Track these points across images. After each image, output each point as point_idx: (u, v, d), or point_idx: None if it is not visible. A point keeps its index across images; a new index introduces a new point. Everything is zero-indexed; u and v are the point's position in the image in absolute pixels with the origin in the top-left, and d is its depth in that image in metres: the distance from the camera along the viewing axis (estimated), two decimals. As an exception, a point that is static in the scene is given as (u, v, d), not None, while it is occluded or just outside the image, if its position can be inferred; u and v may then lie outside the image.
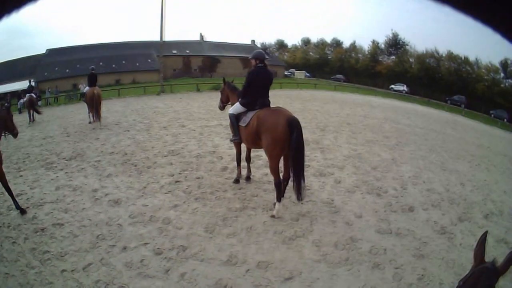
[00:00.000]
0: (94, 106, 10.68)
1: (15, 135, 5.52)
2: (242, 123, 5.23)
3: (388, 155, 8.48)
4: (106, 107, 15.52)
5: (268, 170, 6.09)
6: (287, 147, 4.56)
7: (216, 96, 8.09)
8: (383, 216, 5.07)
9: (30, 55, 18.82)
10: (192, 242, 4.42)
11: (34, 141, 9.49)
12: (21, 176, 6.34)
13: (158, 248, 4.32)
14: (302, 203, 5.23)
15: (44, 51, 19.51)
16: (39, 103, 15.05)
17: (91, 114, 11.09)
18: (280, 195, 4.82)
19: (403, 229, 4.69)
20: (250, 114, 5.08)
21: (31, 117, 12.13)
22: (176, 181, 6.43)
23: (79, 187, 6.27)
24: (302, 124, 4.69)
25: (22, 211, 5.22)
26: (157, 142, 9.17)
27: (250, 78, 5.09)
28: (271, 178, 6.15)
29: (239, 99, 5.39)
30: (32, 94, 12.19)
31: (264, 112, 4.84)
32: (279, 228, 4.63)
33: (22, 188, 5.88)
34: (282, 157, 4.83)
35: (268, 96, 5.16)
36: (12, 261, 4.09)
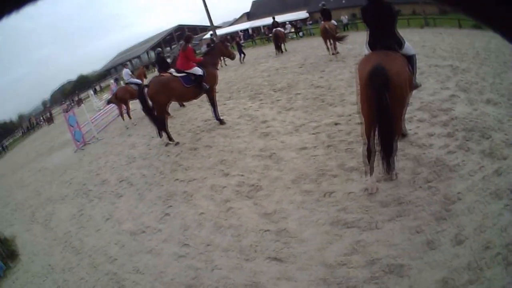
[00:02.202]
0: (328, 40, 13.59)
1: (232, 58, 9.58)
2: None
3: None
4: (363, 38, 17.32)
5: (434, 130, 5.94)
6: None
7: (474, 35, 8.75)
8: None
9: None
10: (269, 187, 5.44)
11: (260, 72, 13.09)
12: (225, 104, 9.51)
13: (242, 182, 5.76)
14: (422, 185, 4.70)
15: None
16: (301, 34, 19.28)
17: (326, 47, 13.93)
18: (367, 167, 4.78)
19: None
20: None
21: (280, 50, 16.38)
22: (336, 123, 7.16)
23: (255, 117, 8.63)
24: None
25: (221, 122, 8.70)
26: (372, 79, 9.81)
27: (361, 15, 5.14)
28: (430, 141, 5.85)
29: None
30: (279, 29, 16.23)
31: (364, 57, 4.95)
32: (352, 207, 4.55)
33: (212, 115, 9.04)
34: None
35: (388, 37, 4.88)
36: (153, 167, 7.26)
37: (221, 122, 8.69)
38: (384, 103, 4.22)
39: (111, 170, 8.09)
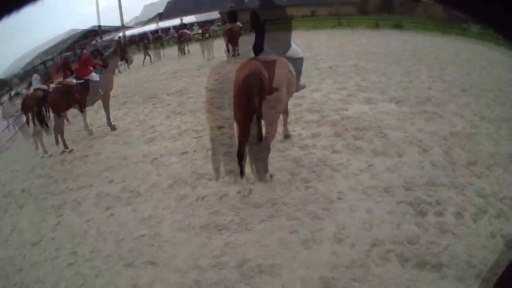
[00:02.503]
0: (233, 41, 14.15)
1: (129, 63, 10.75)
2: None
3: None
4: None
5: (320, 131, 6.31)
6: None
7: (392, 35, 10.32)
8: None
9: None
10: (147, 193, 6.09)
11: (159, 75, 13.95)
12: (119, 109, 10.21)
13: (124, 188, 6.44)
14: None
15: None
16: (207, 35, 20.17)
17: (228, 49, 14.46)
18: (238, 169, 5.12)
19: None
20: None
21: (183, 51, 17.34)
22: (220, 127, 7.41)
23: (144, 122, 9.30)
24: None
25: (113, 128, 9.23)
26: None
27: (250, 19, 5.47)
28: (314, 142, 6.25)
29: None
30: (185, 31, 17.46)
31: (242, 63, 5.12)
32: (224, 210, 5.07)
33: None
34: None
35: (257, 40, 5.17)
36: (48, 175, 7.77)
37: (112, 128, 9.19)
38: (254, 109, 4.56)
39: (15, 180, 8.33)
